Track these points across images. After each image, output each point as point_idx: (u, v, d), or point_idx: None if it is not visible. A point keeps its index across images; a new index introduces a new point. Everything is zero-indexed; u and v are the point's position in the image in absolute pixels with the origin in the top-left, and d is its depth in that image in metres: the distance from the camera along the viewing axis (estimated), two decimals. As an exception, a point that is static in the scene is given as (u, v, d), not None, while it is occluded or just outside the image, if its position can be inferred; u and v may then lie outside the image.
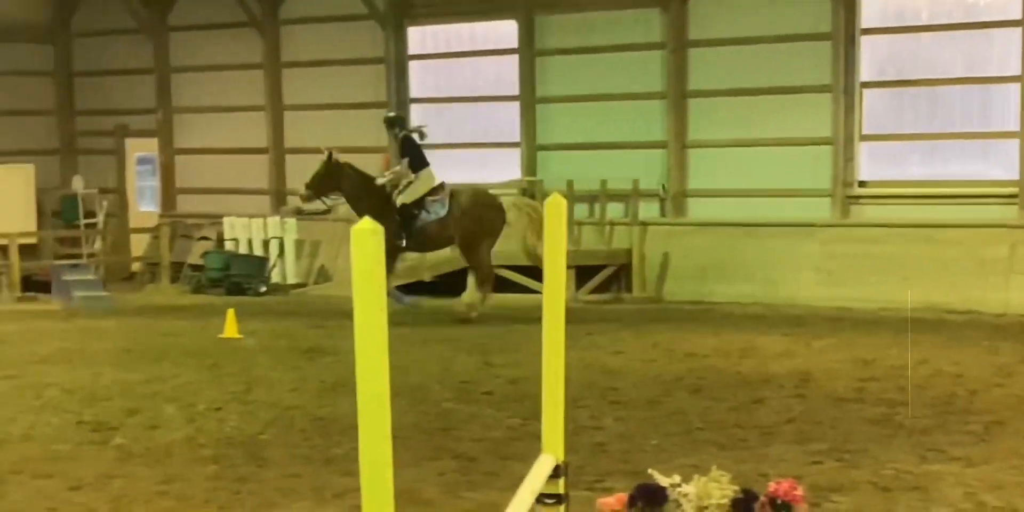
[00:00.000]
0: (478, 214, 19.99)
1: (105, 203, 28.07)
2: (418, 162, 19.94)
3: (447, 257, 24.08)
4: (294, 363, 15.92)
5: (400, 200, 19.68)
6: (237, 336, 18.13)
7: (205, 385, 14.44)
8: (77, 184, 28.24)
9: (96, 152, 29.57)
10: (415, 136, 20.11)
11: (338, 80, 26.45)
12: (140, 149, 29.23)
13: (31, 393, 13.90)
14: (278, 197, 27.20)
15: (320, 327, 19.16)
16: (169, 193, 28.74)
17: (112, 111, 29.22)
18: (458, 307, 20.12)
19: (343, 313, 19.04)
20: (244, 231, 26.14)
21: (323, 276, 25.63)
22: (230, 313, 18.51)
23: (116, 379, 14.77)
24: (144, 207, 29.21)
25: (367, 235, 4.04)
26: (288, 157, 27.36)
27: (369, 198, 19.73)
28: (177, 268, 26.46)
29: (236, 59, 27.58)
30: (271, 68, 27.25)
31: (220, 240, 26.45)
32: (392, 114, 20.93)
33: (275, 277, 25.52)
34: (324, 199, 20.27)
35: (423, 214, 19.73)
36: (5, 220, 25.83)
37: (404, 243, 19.77)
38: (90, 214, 27.73)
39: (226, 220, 26.39)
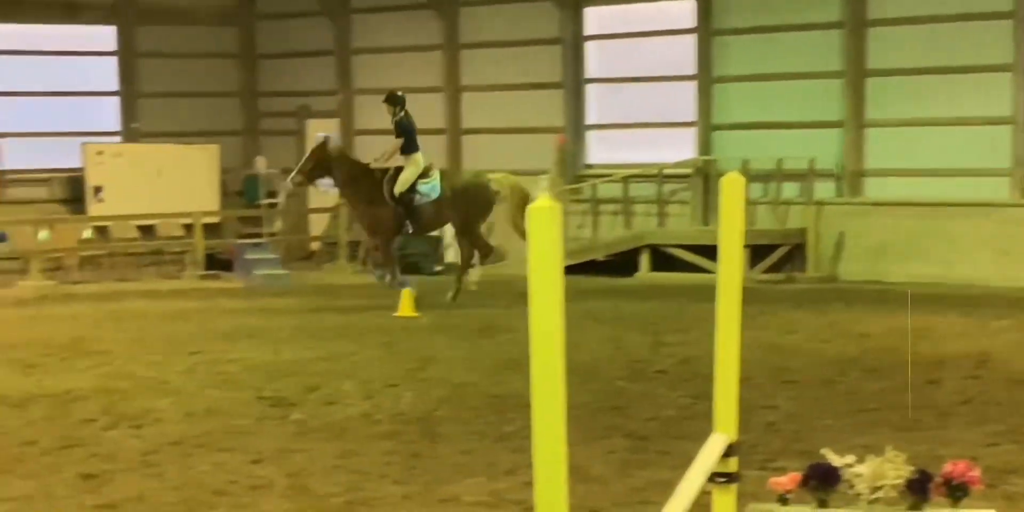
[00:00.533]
0: (472, 194, 20.05)
1: (287, 183, 28.37)
2: (411, 145, 19.69)
3: (620, 237, 24.04)
4: (468, 341, 15.98)
5: (396, 190, 19.41)
6: (413, 314, 18.25)
7: (381, 362, 14.58)
8: (260, 164, 28.60)
9: (278, 133, 29.92)
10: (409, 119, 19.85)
11: (515, 61, 26.44)
12: (321, 130, 29.46)
13: (214, 369, 14.14)
14: (454, 177, 27.28)
15: (494, 306, 19.20)
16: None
17: (294, 93, 29.53)
18: (470, 287, 20.43)
19: (518, 292, 19.04)
20: (420, 211, 26.26)
21: (497, 255, 25.65)
22: (406, 292, 18.64)
23: (295, 356, 14.97)
24: (324, 187, 29.50)
25: (544, 213, 3.99)
26: (464, 138, 27.44)
27: (361, 185, 19.65)
28: (355, 247, 26.69)
29: (415, 40, 27.71)
30: (449, 49, 27.34)
31: (397, 220, 26.60)
32: (398, 93, 20.47)
33: (449, 256, 25.63)
34: (315, 185, 20.61)
35: (417, 197, 19.56)
36: (190, 199, 26.24)
37: (411, 229, 19.88)
38: (272, 194, 28.07)
39: (401, 200, 26.53)
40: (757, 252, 22.24)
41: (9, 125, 27.11)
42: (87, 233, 25.61)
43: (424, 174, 19.64)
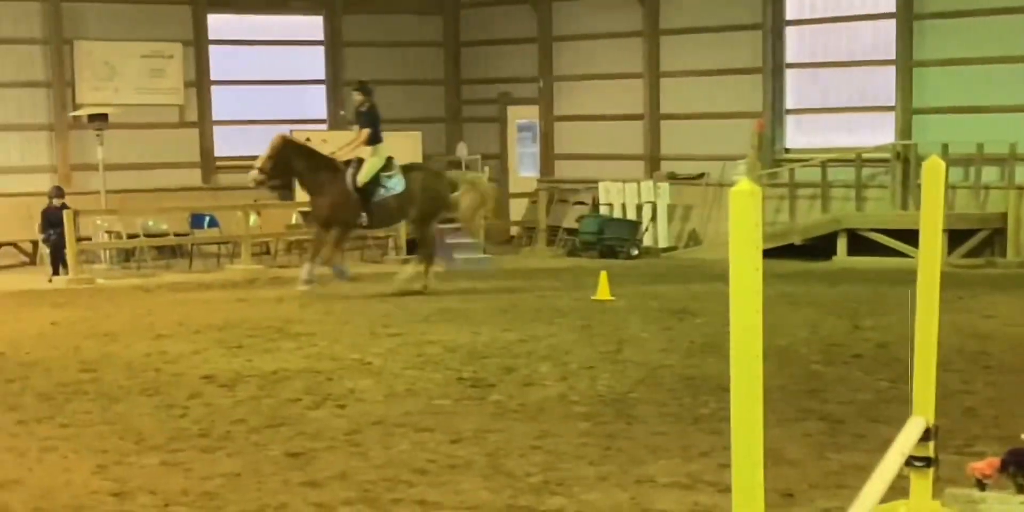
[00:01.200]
0: (436, 191, 19.64)
1: (487, 169, 28.52)
2: (376, 136, 19.22)
3: (818, 221, 23.72)
4: (664, 324, 15.89)
5: (360, 180, 18.96)
6: (609, 298, 18.20)
7: (578, 344, 14.56)
8: (461, 150, 28.78)
9: (480, 120, 30.08)
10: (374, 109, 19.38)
11: (714, 46, 26.22)
12: (521, 116, 29.61)
13: (414, 351, 14.25)
14: (652, 162, 27.17)
15: (690, 289, 19.07)
16: (548, 159, 29.04)
17: (496, 80, 29.66)
18: (398, 283, 19.58)
19: (713, 276, 18.94)
20: (618, 196, 26.24)
21: (694, 239, 25.53)
22: (603, 275, 18.60)
23: (494, 338, 15.03)
24: (524, 173, 29.61)
25: (746, 197, 3.95)
26: (663, 123, 27.29)
27: (322, 175, 19.08)
28: (553, 231, 26.75)
29: (616, 27, 27.62)
30: (650, 35, 27.19)
31: (595, 205, 26.61)
32: (365, 80, 20.18)
33: (646, 240, 25.55)
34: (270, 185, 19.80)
35: (380, 191, 19.10)
36: (394, 185, 26.52)
37: (366, 221, 19.32)
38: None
39: (601, 185, 26.54)
40: (956, 236, 21.74)
41: (223, 113, 27.65)
42: (295, 218, 26.00)
43: (386, 167, 19.18)
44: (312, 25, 28.87)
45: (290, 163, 18.92)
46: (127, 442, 10.26)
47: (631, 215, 25.80)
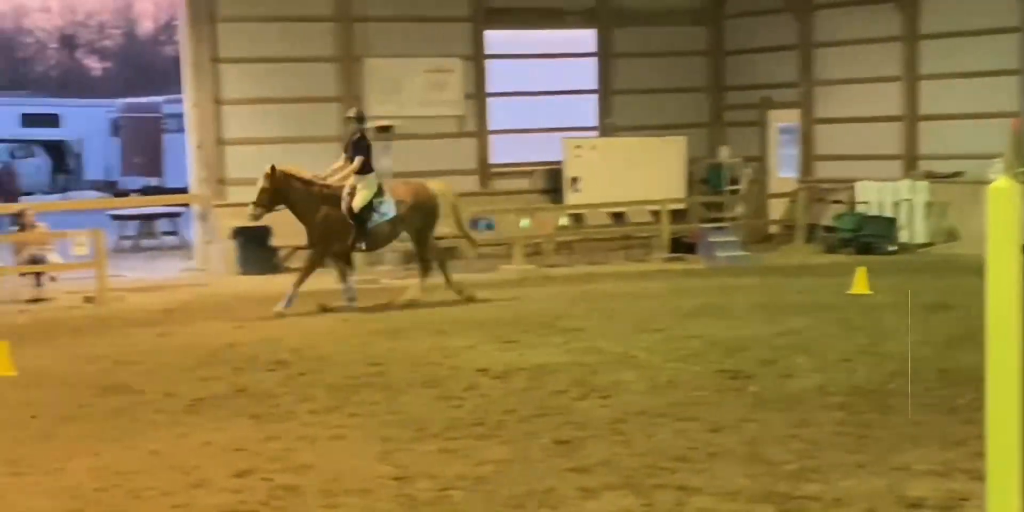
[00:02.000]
0: (426, 208, 18.77)
1: (748, 171, 28.25)
2: (368, 165, 18.29)
3: None
4: (921, 317, 15.47)
5: (355, 205, 18.05)
6: (866, 292, 17.83)
7: (835, 338, 14.32)
8: (723, 154, 28.57)
9: (741, 124, 29.79)
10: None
11: (972, 49, 25.47)
12: (781, 120, 29.23)
13: (677, 344, 14.19)
14: (910, 162, 26.54)
15: (946, 283, 18.55)
16: (807, 160, 28.60)
17: (757, 86, 29.34)
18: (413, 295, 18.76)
19: (969, 270, 18.27)
20: (875, 194, 25.73)
21: (951, 236, 24.83)
22: (860, 270, 18.24)
23: (753, 332, 14.86)
24: (783, 174, 29.21)
25: (1003, 193, 3.85)
26: (921, 124, 26.64)
27: (314, 199, 18.10)
28: (811, 229, 26.34)
29: (875, 33, 27.06)
30: (908, 40, 26.58)
31: (852, 203, 26.13)
32: (357, 110, 19.25)
33: (903, 237, 24.97)
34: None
35: (375, 216, 18.21)
36: (658, 187, 26.47)
37: (364, 246, 18.45)
38: (734, 181, 27.99)
39: (858, 184, 26.07)
40: None
41: (499, 123, 27.93)
42: (564, 220, 26.12)
43: (378, 193, 18.32)
44: (584, 38, 28.96)
45: (286, 191, 18.00)
46: (408, 430, 10.44)
47: (888, 212, 25.26)
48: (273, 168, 17.98)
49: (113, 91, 59.49)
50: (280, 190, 17.91)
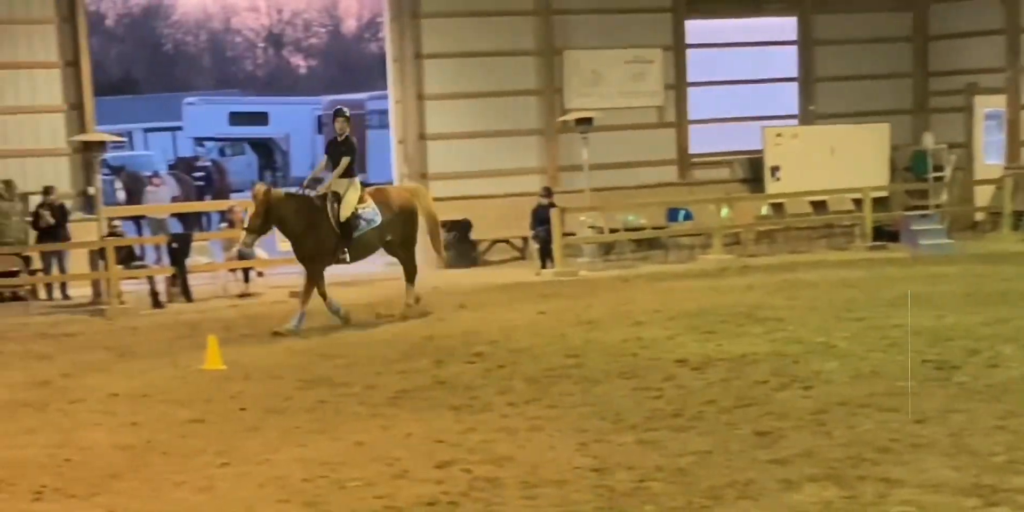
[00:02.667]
0: (408, 213, 17.86)
1: (953, 157, 27.60)
2: (355, 167, 17.41)
3: None
4: None
5: (342, 215, 17.08)
6: (1076, 281, 17.32)
7: (1046, 327, 13.92)
8: (927, 140, 27.93)
9: (946, 110, 29.13)
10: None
11: None
12: (988, 105, 28.52)
13: (879, 334, 13.95)
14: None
15: None
16: (1014, 146, 27.85)
17: (962, 71, 28.67)
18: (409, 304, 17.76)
19: None
20: (1087, 180, 24.95)
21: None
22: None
23: (958, 321, 14.52)
24: (989, 160, 28.49)
25: None
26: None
27: (303, 215, 17.02)
28: (1018, 217, 25.63)
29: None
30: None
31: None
32: (343, 108, 18.05)
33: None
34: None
35: (361, 224, 17.24)
36: (860, 175, 26.03)
37: (347, 258, 17.31)
38: (938, 168, 27.38)
39: (1069, 170, 25.31)
40: None
41: (698, 113, 27.75)
42: (764, 209, 25.84)
43: (361, 199, 17.37)
44: (785, 26, 28.61)
45: (278, 212, 16.90)
46: (606, 422, 10.46)
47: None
48: (264, 190, 16.98)
49: (318, 89, 60.59)
50: (271, 211, 16.81)
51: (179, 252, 20.58)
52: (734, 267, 21.65)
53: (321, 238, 17.20)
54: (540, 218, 22.50)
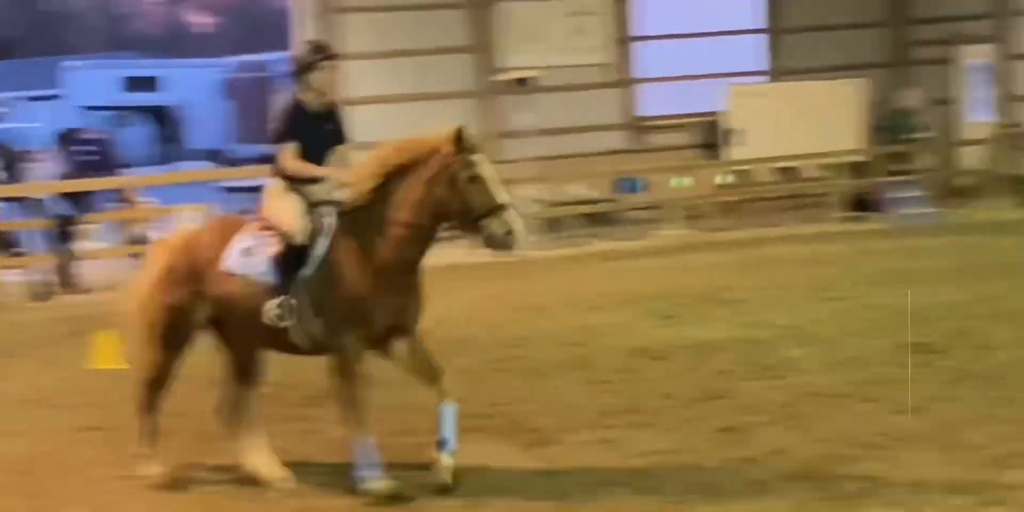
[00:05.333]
0: None
1: (935, 116, 27.85)
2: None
3: None
4: None
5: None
6: (1079, 253, 17.52)
7: (1041, 304, 14.09)
8: (908, 97, 28.15)
9: (928, 62, 29.33)
10: None
11: None
12: (974, 56, 28.74)
13: (857, 315, 14.10)
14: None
15: None
16: (1005, 101, 28.11)
17: (945, 18, 28.84)
18: None
19: None
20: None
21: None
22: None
23: (944, 299, 14.67)
24: (977, 117, 28.73)
25: None
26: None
27: None
28: (1013, 181, 25.87)
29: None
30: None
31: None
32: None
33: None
34: None
35: None
36: (834, 138, 26.07)
37: None
38: (921, 128, 27.59)
39: (1066, 127, 25.58)
40: None
41: (649, 70, 27.79)
42: (725, 178, 25.89)
43: None
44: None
45: None
46: (556, 419, 10.49)
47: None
48: None
49: (223, 50, 60.25)
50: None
51: (65, 237, 20.43)
52: (694, 243, 21.75)
53: None
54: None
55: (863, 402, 10.42)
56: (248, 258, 9.08)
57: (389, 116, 25.31)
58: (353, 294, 8.79)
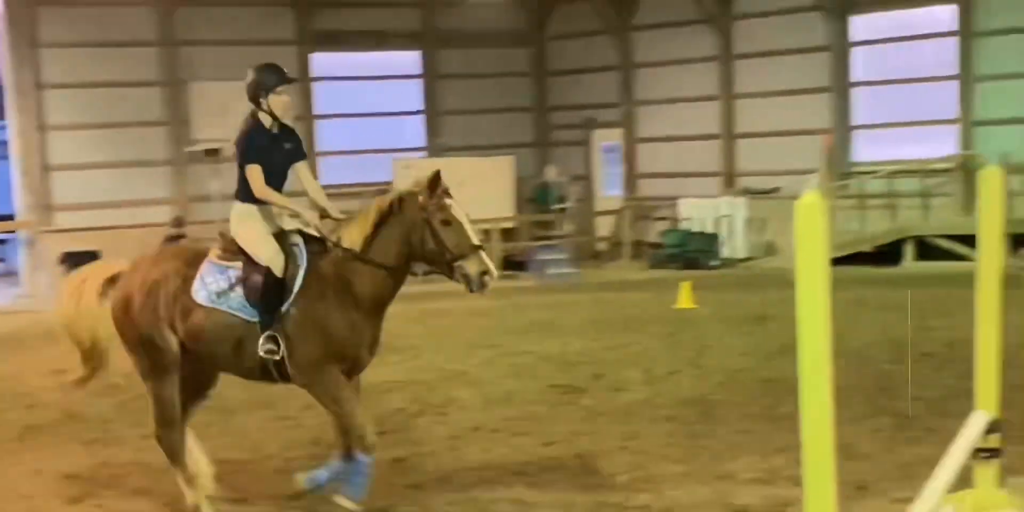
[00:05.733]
0: None
1: (574, 189, 28.52)
2: None
3: (887, 229, 23.50)
4: (744, 330, 15.79)
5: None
6: (692, 306, 18.10)
7: (662, 351, 14.52)
8: (550, 173, 28.78)
9: (566, 143, 30.09)
10: None
11: (785, 68, 26.05)
12: (605, 139, 29.57)
13: (510, 360, 14.27)
14: (729, 179, 27.05)
15: (767, 296, 18.88)
16: (631, 178, 28.98)
17: (581, 106, 29.65)
18: None
19: (788, 283, 18.61)
20: (697, 211, 26.11)
21: (770, 250, 25.33)
22: (685, 285, 18.50)
23: (583, 347, 15.00)
24: (608, 192, 29.54)
25: (810, 208, 3.97)
26: (738, 141, 27.16)
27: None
28: (637, 246, 26.66)
29: (692, 53, 27.54)
30: (724, 60, 27.10)
31: (675, 220, 26.53)
32: None
33: (725, 252, 25.39)
34: None
35: None
36: (488, 206, 26.47)
37: None
38: (562, 199, 28.23)
39: (681, 201, 26.45)
40: (1020, 241, 21.35)
41: (328, 144, 27.83)
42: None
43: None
44: (409, 60, 29.04)
45: None
46: (245, 452, 10.29)
47: (710, 229, 25.66)
48: None
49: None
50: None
51: None
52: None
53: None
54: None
55: (515, 436, 10.52)
56: (218, 290, 8.41)
57: (92, 181, 24.88)
58: (332, 331, 8.33)
